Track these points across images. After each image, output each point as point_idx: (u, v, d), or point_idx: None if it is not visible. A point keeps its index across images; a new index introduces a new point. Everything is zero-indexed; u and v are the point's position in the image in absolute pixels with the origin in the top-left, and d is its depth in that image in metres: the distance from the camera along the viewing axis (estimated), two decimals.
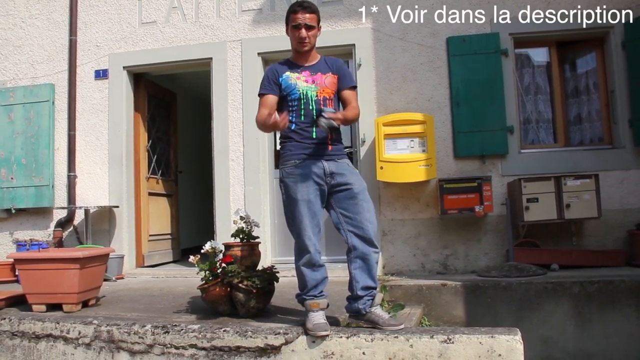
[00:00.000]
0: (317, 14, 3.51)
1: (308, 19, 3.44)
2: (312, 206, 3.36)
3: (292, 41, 3.56)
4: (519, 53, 6.32)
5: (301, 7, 3.45)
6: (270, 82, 3.53)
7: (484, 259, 5.93)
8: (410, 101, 6.15)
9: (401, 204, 6.10)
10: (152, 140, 7.54)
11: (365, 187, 3.47)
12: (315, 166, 3.38)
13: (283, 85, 3.49)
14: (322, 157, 3.41)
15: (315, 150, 3.41)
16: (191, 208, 9.32)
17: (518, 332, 2.97)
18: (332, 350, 3.09)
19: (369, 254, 3.41)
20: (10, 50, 7.37)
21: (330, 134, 3.42)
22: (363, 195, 3.41)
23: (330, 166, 3.40)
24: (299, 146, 3.42)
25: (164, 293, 5.04)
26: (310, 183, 3.36)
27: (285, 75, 3.51)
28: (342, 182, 3.40)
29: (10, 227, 7.17)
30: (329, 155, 3.43)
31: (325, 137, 3.43)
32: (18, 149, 7.06)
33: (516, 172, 5.90)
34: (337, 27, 6.38)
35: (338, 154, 3.48)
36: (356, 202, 3.38)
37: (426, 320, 5.17)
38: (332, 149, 3.45)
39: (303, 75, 3.50)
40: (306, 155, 3.40)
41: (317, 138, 3.42)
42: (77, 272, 4.03)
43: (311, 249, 3.39)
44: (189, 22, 6.81)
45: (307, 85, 3.47)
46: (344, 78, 3.57)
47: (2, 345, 3.82)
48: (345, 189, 3.40)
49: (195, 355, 3.32)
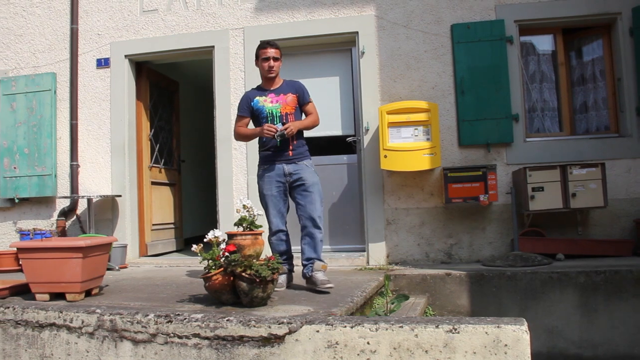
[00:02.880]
0: (280, 50, 4.58)
1: (274, 53, 4.50)
2: (274, 199, 4.48)
3: (261, 70, 4.59)
4: (524, 40, 6.25)
5: (269, 45, 4.52)
6: (244, 106, 4.61)
7: (489, 248, 5.89)
8: (414, 89, 6.10)
9: (405, 192, 6.06)
10: (154, 129, 7.51)
11: (316, 181, 4.48)
12: (278, 169, 4.47)
13: (254, 107, 4.54)
14: (283, 162, 4.47)
15: (278, 156, 4.47)
16: (194, 197, 9.30)
17: (524, 322, 2.93)
18: (336, 340, 3.06)
19: (314, 233, 4.43)
20: (12, 39, 7.33)
21: (291, 141, 4.46)
22: (312, 188, 4.44)
23: (290, 168, 4.45)
24: (267, 154, 4.52)
25: (167, 282, 5.03)
26: (273, 182, 4.47)
27: (256, 99, 4.54)
28: (297, 178, 4.45)
29: (13, 217, 7.17)
30: (289, 159, 4.47)
31: (287, 146, 4.45)
32: (20, 138, 7.04)
33: (521, 161, 5.85)
34: (340, 14, 6.32)
35: (298, 157, 4.50)
36: (307, 193, 4.43)
37: (430, 309, 5.15)
38: (292, 154, 4.48)
39: (269, 98, 4.52)
40: (272, 161, 4.49)
41: (280, 147, 4.44)
42: (80, 261, 4.00)
43: (274, 228, 4.51)
44: (190, 10, 6.75)
45: (272, 105, 4.49)
46: (302, 96, 4.61)
47: (7, 334, 3.81)
48: (300, 184, 4.45)
49: (199, 344, 3.29)
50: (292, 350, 3.11)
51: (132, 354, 3.44)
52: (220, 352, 3.24)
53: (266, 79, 4.60)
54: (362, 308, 4.11)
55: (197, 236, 7.88)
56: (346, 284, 4.69)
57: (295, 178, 4.45)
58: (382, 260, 6.00)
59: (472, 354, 2.89)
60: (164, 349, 3.36)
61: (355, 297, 4.02)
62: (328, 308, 3.58)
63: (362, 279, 4.97)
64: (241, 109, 4.63)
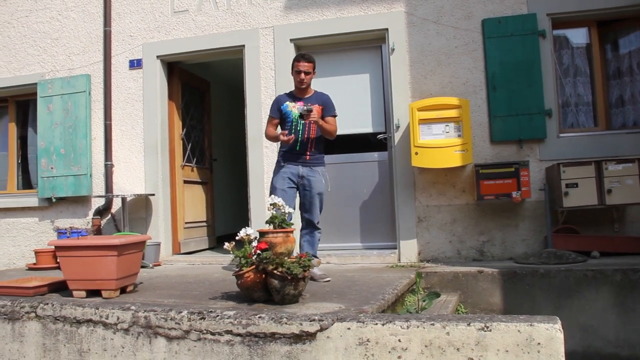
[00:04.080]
0: (314, 63, 4.95)
1: (306, 67, 4.88)
2: (284, 194, 4.74)
3: (295, 80, 4.97)
4: (557, 34, 6.14)
5: (303, 58, 4.90)
6: (275, 109, 5.03)
7: (522, 245, 5.82)
8: (444, 85, 6.05)
9: (436, 190, 6.02)
10: (186, 129, 7.60)
11: (322, 191, 4.95)
12: (294, 168, 4.90)
13: (283, 111, 4.97)
14: (300, 163, 4.91)
15: (297, 157, 4.92)
16: (226, 195, 9.38)
17: (558, 321, 2.89)
18: (368, 337, 3.06)
19: (314, 233, 4.95)
20: (48, 43, 7.51)
21: (310, 146, 4.91)
22: (318, 197, 4.92)
23: (304, 171, 4.90)
24: (287, 153, 4.93)
25: (199, 280, 5.08)
26: (287, 179, 4.88)
27: (285, 104, 4.97)
28: (307, 184, 4.90)
29: (51, 216, 7.35)
30: (305, 163, 4.92)
31: (305, 150, 4.90)
32: (57, 139, 7.20)
33: (555, 157, 5.75)
34: (369, 11, 6.30)
35: (313, 163, 4.95)
36: (312, 200, 4.90)
37: (462, 307, 5.11)
38: (309, 158, 4.93)
39: (297, 105, 4.89)
40: (289, 161, 4.92)
41: (298, 150, 4.89)
42: (115, 259, 4.07)
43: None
44: (220, 9, 6.81)
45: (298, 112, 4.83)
46: (327, 108, 4.99)
47: (46, 329, 3.90)
48: (308, 190, 4.90)
49: (231, 341, 3.33)
50: (323, 347, 3.12)
51: (166, 350, 3.50)
52: (252, 349, 3.27)
53: (298, 88, 5.01)
54: (394, 305, 4.10)
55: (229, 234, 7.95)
56: (377, 281, 4.68)
57: (305, 182, 4.90)
58: (414, 258, 5.97)
59: (504, 352, 2.86)
60: (197, 346, 3.41)
61: (387, 294, 4.01)
62: (359, 305, 3.58)
63: (393, 276, 4.96)
64: (272, 110, 5.06)
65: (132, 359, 3.60)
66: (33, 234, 7.43)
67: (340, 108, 6.49)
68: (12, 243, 7.53)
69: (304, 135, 4.89)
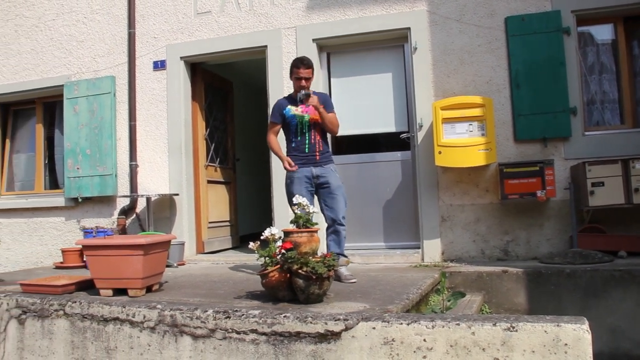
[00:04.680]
0: (313, 68, 5.00)
1: (307, 73, 4.93)
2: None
3: (294, 85, 5.02)
4: (582, 31, 6.06)
5: (302, 64, 4.92)
6: (276, 113, 5.10)
7: (546, 245, 5.76)
8: (468, 84, 6.02)
9: (460, 189, 6.00)
10: (209, 129, 7.65)
11: (340, 185, 4.94)
12: (306, 171, 4.91)
13: (286, 115, 5.00)
14: (311, 165, 4.92)
15: (306, 160, 4.93)
16: (249, 195, 9.43)
17: (585, 321, 2.87)
18: (393, 337, 3.06)
19: (339, 230, 4.86)
20: (74, 45, 7.62)
21: (318, 146, 4.94)
22: (337, 191, 4.89)
23: (317, 171, 4.92)
24: (296, 158, 4.95)
25: (223, 279, 5.12)
26: (303, 183, 4.89)
27: (288, 108, 5.01)
28: (324, 181, 4.90)
29: (77, 215, 7.47)
30: (316, 163, 4.94)
31: (314, 150, 4.93)
32: (83, 140, 7.31)
33: (580, 155, 5.69)
34: (391, 10, 6.28)
35: (324, 161, 4.97)
36: (332, 195, 4.88)
37: (486, 307, 5.08)
38: (319, 158, 4.95)
39: (300, 108, 4.95)
40: (301, 164, 4.92)
41: (308, 152, 4.93)
42: (141, 258, 4.13)
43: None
44: (243, 10, 6.85)
45: (302, 114, 4.94)
46: (327, 105, 4.99)
47: (74, 327, 3.97)
48: (326, 187, 4.90)
49: (256, 340, 3.35)
50: (348, 346, 3.13)
51: (192, 348, 3.53)
52: (278, 348, 3.29)
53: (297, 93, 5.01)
54: (418, 305, 4.09)
55: (252, 234, 7.99)
56: (401, 280, 4.68)
57: (322, 181, 4.91)
58: (437, 257, 5.95)
59: (530, 353, 2.84)
60: (223, 344, 3.44)
61: (411, 294, 4.01)
62: (384, 305, 3.58)
63: (417, 276, 4.95)
64: (273, 115, 5.14)
65: (158, 357, 3.65)
66: (59, 233, 7.55)
67: (362, 108, 6.54)
68: (39, 242, 7.67)
69: (310, 136, 4.96)
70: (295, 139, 4.99)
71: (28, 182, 8.27)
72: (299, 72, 4.91)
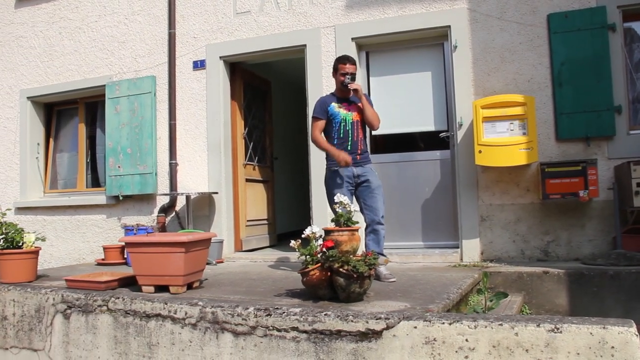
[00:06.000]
0: (356, 64, 5.01)
1: (352, 69, 4.94)
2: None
3: (337, 82, 5.02)
4: (628, 27, 5.92)
5: (348, 60, 4.96)
6: (321, 110, 5.05)
7: (588, 246, 5.65)
8: (508, 82, 5.93)
9: (500, 188, 5.92)
10: (248, 128, 7.71)
11: (380, 184, 4.96)
12: (347, 171, 4.92)
13: (330, 112, 5.00)
14: (352, 165, 4.89)
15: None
16: (286, 193, 9.48)
17: (633, 324, 2.80)
18: (434, 336, 3.05)
19: (378, 229, 4.83)
20: (116, 46, 7.77)
21: (359, 146, 4.96)
22: (378, 190, 4.91)
23: (358, 170, 4.94)
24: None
25: (262, 277, 5.16)
26: (344, 182, 4.90)
27: (332, 105, 5.01)
28: (364, 180, 4.93)
29: (118, 213, 7.61)
30: (357, 162, 4.95)
31: (356, 149, 4.94)
32: (124, 139, 7.44)
33: (624, 155, 5.55)
34: (431, 8, 6.24)
35: (364, 161, 5.02)
36: (372, 194, 4.88)
37: (527, 308, 5.02)
38: (360, 158, 4.97)
39: (343, 106, 5.01)
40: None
41: (350, 150, 4.91)
42: (183, 256, 4.19)
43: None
44: (282, 10, 6.88)
45: (346, 112, 5.00)
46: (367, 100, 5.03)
47: (117, 322, 4.06)
48: (367, 186, 4.92)
49: (297, 337, 3.37)
50: (389, 345, 3.13)
51: (233, 345, 3.57)
52: (318, 346, 3.30)
53: (341, 90, 5.05)
54: (458, 305, 4.06)
55: (290, 232, 8.05)
56: (441, 280, 4.65)
57: (362, 180, 4.93)
58: (476, 257, 5.89)
59: (575, 355, 2.80)
60: (263, 342, 3.47)
61: (451, 294, 3.98)
62: (424, 304, 3.57)
63: (456, 275, 4.91)
64: (318, 112, 5.08)
65: (199, 353, 3.70)
66: (101, 231, 7.71)
67: (402, 106, 6.51)
68: (81, 239, 7.85)
69: (353, 135, 4.98)
70: (337, 137, 4.99)
71: (71, 181, 8.48)
72: (345, 68, 4.92)
